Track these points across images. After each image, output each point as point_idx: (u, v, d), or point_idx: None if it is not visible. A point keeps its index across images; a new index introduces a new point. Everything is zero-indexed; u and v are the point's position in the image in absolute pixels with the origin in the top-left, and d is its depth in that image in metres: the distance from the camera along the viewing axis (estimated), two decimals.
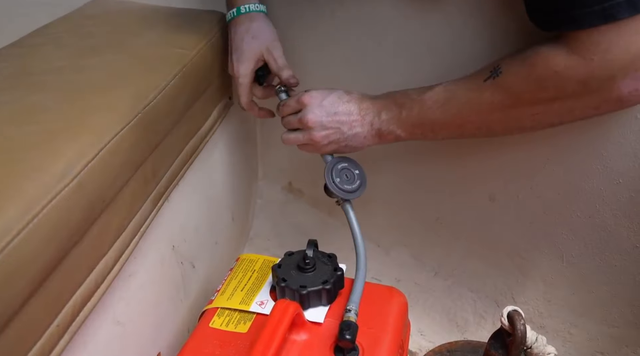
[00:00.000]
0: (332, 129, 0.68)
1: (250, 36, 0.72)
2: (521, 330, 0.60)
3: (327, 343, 0.58)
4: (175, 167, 0.69)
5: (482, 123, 0.61)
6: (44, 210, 0.43)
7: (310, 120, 0.67)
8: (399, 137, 0.67)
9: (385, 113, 0.66)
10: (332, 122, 0.67)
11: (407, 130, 0.66)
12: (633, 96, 0.51)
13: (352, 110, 0.67)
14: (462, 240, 0.88)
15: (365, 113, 0.67)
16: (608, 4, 0.47)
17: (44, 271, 0.44)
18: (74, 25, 0.80)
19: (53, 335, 0.46)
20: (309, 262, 0.63)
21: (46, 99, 0.57)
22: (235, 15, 0.73)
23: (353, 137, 0.68)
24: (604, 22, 0.48)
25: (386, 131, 0.67)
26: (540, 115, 0.58)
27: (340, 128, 0.67)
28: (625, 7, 0.47)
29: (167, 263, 0.72)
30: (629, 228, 0.69)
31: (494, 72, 0.58)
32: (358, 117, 0.67)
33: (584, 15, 0.49)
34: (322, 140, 0.68)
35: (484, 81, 0.59)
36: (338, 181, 0.69)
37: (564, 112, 0.56)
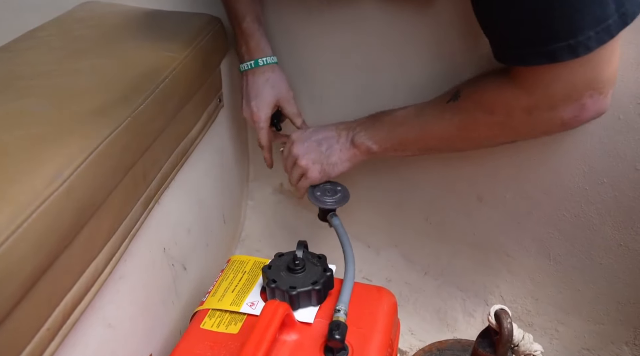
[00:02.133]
0: (312, 149, 0.75)
1: (270, 86, 0.79)
2: (508, 328, 0.61)
3: (317, 343, 0.59)
4: (165, 170, 0.69)
5: (444, 139, 0.67)
6: (33, 215, 0.43)
7: (295, 148, 0.75)
8: (371, 149, 0.72)
9: (360, 128, 0.73)
10: (311, 143, 0.75)
11: (377, 143, 0.71)
12: (576, 121, 0.57)
13: (329, 130, 0.75)
14: (452, 240, 0.88)
15: (342, 130, 0.74)
16: (551, 47, 0.51)
17: (34, 275, 0.44)
18: (63, 28, 0.80)
19: (43, 339, 0.46)
20: (299, 262, 0.63)
21: (35, 103, 0.57)
22: (253, 66, 0.80)
23: (331, 152, 0.74)
24: (546, 62, 0.52)
25: (358, 142, 0.72)
26: (494, 137, 0.64)
27: (318, 147, 0.74)
28: (567, 50, 0.51)
29: (158, 265, 0.72)
30: (614, 227, 0.70)
31: (454, 96, 0.64)
32: (334, 133, 0.74)
33: (528, 55, 0.53)
34: (308, 163, 0.74)
35: (447, 103, 0.65)
36: (319, 194, 0.77)
37: (515, 134, 0.62)
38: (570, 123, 0.57)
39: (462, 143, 0.67)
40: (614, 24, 0.50)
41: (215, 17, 0.84)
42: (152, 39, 0.76)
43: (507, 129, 0.61)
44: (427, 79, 0.76)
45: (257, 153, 1.06)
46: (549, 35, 0.51)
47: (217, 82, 0.85)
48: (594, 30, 0.50)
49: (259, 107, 0.79)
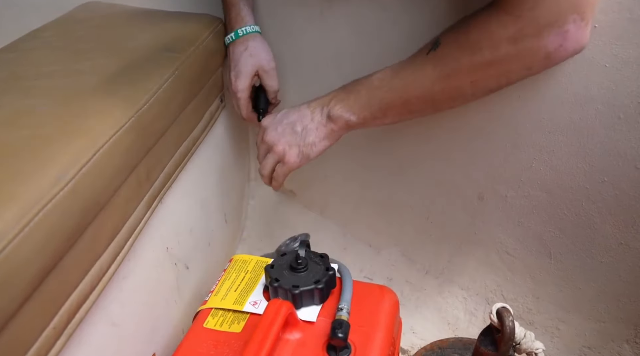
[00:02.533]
0: (286, 132, 0.71)
1: (248, 54, 0.78)
2: (510, 326, 0.61)
3: (320, 341, 0.59)
4: (168, 169, 0.70)
5: (426, 96, 0.63)
6: (39, 215, 0.44)
7: (268, 135, 0.72)
8: (349, 121, 0.68)
9: (335, 100, 0.69)
10: (285, 125, 0.71)
11: (355, 113, 0.68)
12: (559, 52, 0.55)
13: (301, 109, 0.71)
14: (452, 239, 0.89)
15: (314, 107, 0.70)
16: None
17: (40, 274, 0.44)
18: (65, 29, 0.80)
19: (49, 338, 0.47)
20: (301, 262, 0.64)
21: (39, 104, 0.58)
22: (233, 38, 0.79)
23: (306, 132, 0.70)
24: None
25: (335, 116, 0.68)
26: (478, 81, 0.60)
27: (292, 128, 0.70)
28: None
29: (161, 264, 0.72)
30: (614, 225, 0.71)
31: (434, 45, 0.61)
32: (308, 112, 0.70)
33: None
34: (284, 148, 0.71)
35: (427, 54, 0.62)
36: None
37: (500, 74, 0.59)
38: (554, 55, 0.56)
39: (443, 96, 0.63)
40: None
41: (216, 17, 0.84)
42: (154, 39, 0.76)
43: (491, 68, 0.59)
44: None
45: None
46: None
47: (219, 82, 0.85)
48: None
49: (237, 75, 0.78)
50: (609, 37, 0.60)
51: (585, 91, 0.65)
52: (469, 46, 0.59)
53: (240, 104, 0.79)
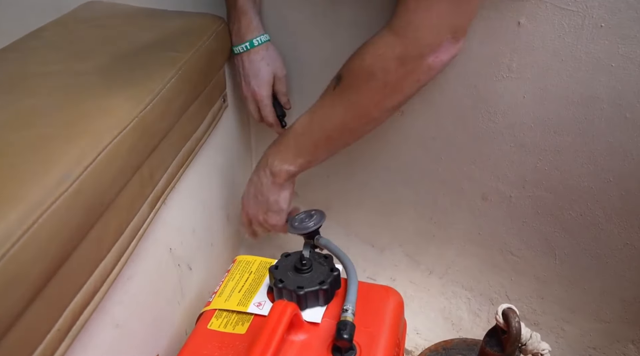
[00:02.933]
0: (254, 205, 0.78)
1: (266, 63, 0.81)
2: (516, 327, 0.61)
3: (325, 343, 0.59)
4: (171, 170, 0.69)
5: (342, 128, 0.68)
6: (44, 215, 0.43)
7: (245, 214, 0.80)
8: (290, 172, 0.73)
9: (272, 157, 0.74)
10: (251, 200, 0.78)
11: (292, 163, 0.73)
12: (436, 63, 0.61)
13: (254, 180, 0.77)
14: (456, 239, 0.89)
15: (259, 171, 0.76)
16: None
17: (45, 275, 0.44)
18: (68, 28, 0.79)
19: (54, 339, 0.46)
20: (306, 262, 0.63)
21: (43, 104, 0.57)
22: (248, 47, 0.80)
23: (265, 196, 0.76)
24: None
25: (277, 171, 0.74)
26: (380, 103, 0.65)
27: (255, 199, 0.77)
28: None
29: (164, 265, 0.72)
30: (620, 225, 0.71)
31: (337, 80, 0.66)
32: (256, 178, 0.77)
33: None
34: (261, 218, 0.78)
35: (333, 90, 0.67)
36: (297, 224, 0.75)
37: (395, 92, 0.64)
38: (433, 66, 0.61)
39: (356, 124, 0.68)
40: None
41: (219, 16, 0.84)
42: (157, 38, 0.76)
43: (387, 89, 0.64)
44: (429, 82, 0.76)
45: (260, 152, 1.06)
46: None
47: (222, 82, 0.85)
48: None
49: (260, 85, 0.81)
50: (615, 36, 0.60)
51: (591, 91, 0.64)
52: (364, 73, 0.64)
53: (267, 112, 0.84)
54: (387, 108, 0.67)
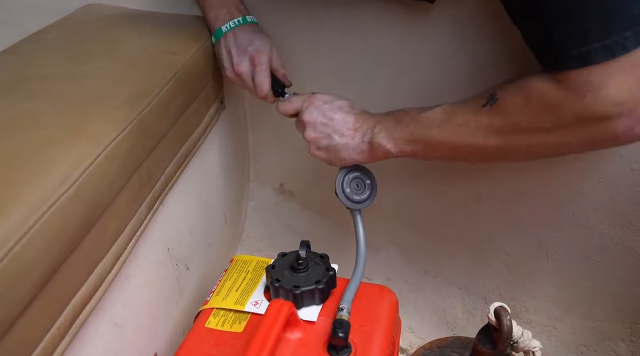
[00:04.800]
0: (323, 134, 0.68)
1: (259, 35, 0.75)
2: (507, 325, 0.61)
3: (321, 341, 0.59)
4: (169, 171, 0.70)
5: (476, 147, 0.60)
6: (44, 216, 0.44)
7: (306, 117, 0.69)
8: (388, 152, 0.66)
9: (380, 126, 0.66)
10: (325, 126, 0.68)
11: (398, 146, 0.65)
12: (628, 135, 0.51)
13: (347, 120, 0.68)
14: (451, 239, 0.89)
15: (360, 126, 0.67)
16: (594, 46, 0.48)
17: (45, 275, 0.45)
18: (67, 31, 0.80)
19: (54, 338, 0.47)
20: (302, 262, 0.64)
21: (42, 106, 0.58)
22: (241, 22, 0.75)
23: (343, 146, 0.68)
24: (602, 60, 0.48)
25: (376, 144, 0.66)
26: (535, 146, 0.57)
27: (331, 135, 0.68)
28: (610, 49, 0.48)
29: (162, 265, 0.73)
30: (610, 225, 0.71)
31: (490, 99, 0.58)
32: (352, 126, 0.68)
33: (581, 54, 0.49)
34: (312, 142, 0.69)
35: (482, 107, 0.58)
36: (348, 191, 0.71)
37: (560, 145, 0.56)
38: (622, 137, 0.51)
39: (495, 152, 0.60)
40: None
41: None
42: (155, 41, 0.77)
43: (551, 136, 0.55)
44: (426, 82, 0.77)
45: (257, 154, 1.07)
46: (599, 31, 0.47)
47: (219, 84, 0.86)
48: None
49: (258, 49, 0.74)
50: None
51: None
52: (530, 111, 0.55)
53: (263, 77, 0.74)
54: (539, 155, 0.59)
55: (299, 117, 0.71)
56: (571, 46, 0.49)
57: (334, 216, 1.02)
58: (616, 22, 0.47)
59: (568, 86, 0.51)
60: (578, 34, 0.49)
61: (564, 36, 0.50)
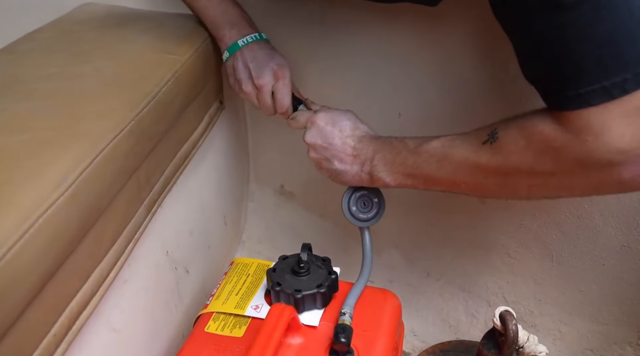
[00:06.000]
0: (323, 157, 0.68)
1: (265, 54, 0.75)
2: (513, 330, 0.61)
3: (323, 346, 0.59)
4: (168, 173, 0.69)
5: (476, 185, 0.59)
6: (40, 220, 0.43)
7: (307, 139, 0.69)
8: (387, 185, 0.66)
9: (379, 158, 0.65)
10: (324, 150, 0.68)
11: (397, 180, 0.65)
12: (636, 181, 0.48)
13: (346, 146, 0.67)
14: (453, 241, 0.89)
15: (358, 154, 0.67)
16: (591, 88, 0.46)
17: (41, 281, 0.44)
18: (64, 30, 0.79)
19: (50, 345, 0.46)
20: (304, 265, 0.63)
21: (38, 107, 0.57)
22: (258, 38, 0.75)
23: (342, 172, 0.68)
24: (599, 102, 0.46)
25: (376, 177, 0.66)
26: (536, 187, 0.55)
27: (330, 160, 0.68)
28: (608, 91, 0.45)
29: (161, 268, 0.72)
30: (617, 227, 0.71)
31: (491, 137, 0.56)
32: (350, 153, 0.67)
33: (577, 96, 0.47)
34: (315, 162, 0.70)
35: (482, 144, 0.57)
36: (354, 210, 0.71)
37: (561, 188, 0.54)
38: (629, 185, 0.49)
39: (495, 190, 0.59)
40: None
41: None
42: (154, 41, 0.76)
43: (553, 179, 0.53)
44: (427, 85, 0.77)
45: (257, 155, 1.06)
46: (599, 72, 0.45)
47: (219, 85, 0.85)
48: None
49: (281, 64, 0.74)
50: None
51: None
52: (530, 153, 0.53)
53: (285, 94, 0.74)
54: (540, 196, 0.58)
55: (304, 135, 0.71)
56: (569, 86, 0.47)
57: (335, 217, 1.02)
58: (616, 64, 0.45)
59: (569, 129, 0.48)
60: (576, 75, 0.47)
61: (561, 75, 0.48)
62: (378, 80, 0.82)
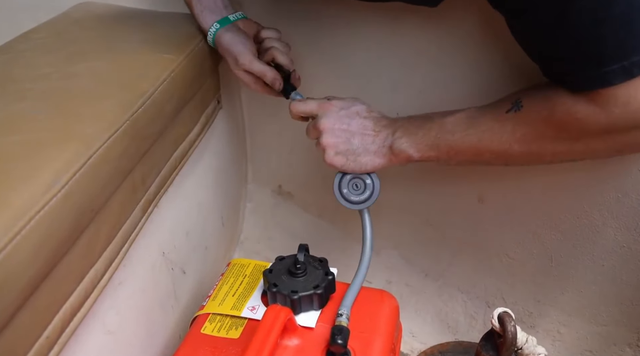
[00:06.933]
0: (342, 138, 0.66)
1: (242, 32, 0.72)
2: (512, 331, 0.60)
3: (319, 348, 0.58)
4: (164, 173, 0.69)
5: (500, 153, 0.60)
6: (31, 222, 0.43)
7: (322, 124, 0.67)
8: (411, 157, 0.65)
9: (401, 131, 0.65)
10: (343, 131, 0.66)
11: (420, 151, 0.64)
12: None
13: (367, 125, 0.66)
14: (452, 241, 0.88)
15: (380, 130, 0.66)
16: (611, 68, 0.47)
17: (33, 283, 0.43)
18: (59, 30, 0.79)
19: (43, 347, 0.45)
20: (300, 266, 0.63)
21: (32, 107, 0.56)
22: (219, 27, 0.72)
23: (362, 152, 0.66)
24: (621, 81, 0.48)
25: (398, 150, 0.65)
26: (561, 153, 0.57)
27: (350, 139, 0.66)
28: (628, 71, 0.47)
29: (157, 269, 0.71)
30: (616, 228, 0.70)
31: (515, 106, 0.57)
32: (372, 132, 0.66)
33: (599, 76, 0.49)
34: (330, 148, 0.67)
35: (506, 112, 0.58)
36: (345, 192, 0.69)
37: (586, 152, 0.56)
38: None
39: (520, 157, 0.60)
40: None
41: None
42: (150, 40, 0.75)
43: (578, 144, 0.55)
44: (426, 85, 0.76)
45: (255, 155, 1.06)
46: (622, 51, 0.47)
47: (216, 84, 0.84)
48: None
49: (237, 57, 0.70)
50: None
51: None
52: (555, 123, 0.55)
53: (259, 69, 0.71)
54: (564, 160, 0.60)
55: (313, 124, 0.68)
56: (589, 67, 0.49)
57: (333, 218, 1.01)
58: (634, 43, 0.47)
59: (594, 102, 0.50)
60: (595, 56, 0.48)
61: (580, 58, 0.49)
62: (376, 80, 0.81)
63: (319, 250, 0.68)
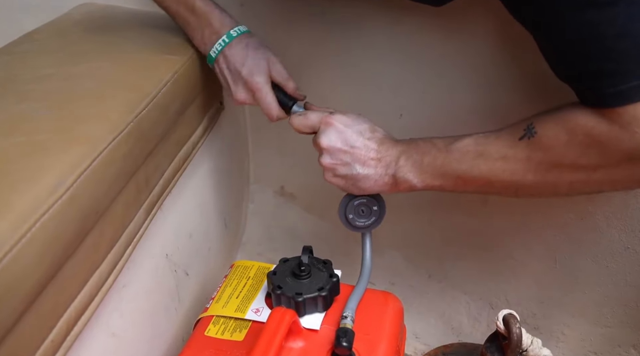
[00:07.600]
0: (342, 162, 0.63)
1: (253, 48, 0.68)
2: (517, 333, 0.60)
3: (324, 350, 0.58)
4: (167, 175, 0.68)
5: (512, 183, 0.57)
6: (36, 224, 0.42)
7: (322, 143, 0.63)
8: (414, 187, 0.62)
9: (405, 159, 0.61)
10: (344, 154, 0.62)
11: (425, 181, 0.61)
12: None
13: (369, 148, 0.62)
14: (455, 242, 0.88)
15: (383, 156, 0.62)
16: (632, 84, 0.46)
17: (38, 286, 0.43)
18: (61, 31, 0.78)
19: (47, 351, 0.45)
20: (305, 268, 0.63)
21: (35, 108, 0.56)
22: (227, 42, 0.68)
23: (363, 178, 0.63)
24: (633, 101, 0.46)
25: (401, 179, 0.61)
26: (578, 183, 0.54)
27: (351, 164, 0.62)
28: None
29: (160, 272, 0.71)
30: (621, 229, 0.70)
31: (528, 132, 0.54)
32: (374, 156, 0.62)
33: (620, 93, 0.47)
34: (329, 169, 0.64)
35: (519, 140, 0.54)
36: (351, 217, 0.68)
37: (605, 182, 0.53)
38: None
39: (534, 188, 0.56)
40: None
41: None
42: (152, 41, 0.75)
43: (597, 173, 0.52)
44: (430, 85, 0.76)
45: (257, 156, 1.06)
46: None
47: (218, 85, 0.84)
48: None
49: (252, 71, 0.67)
50: None
51: None
52: (574, 146, 0.51)
53: (268, 101, 0.68)
54: (581, 192, 0.56)
55: (314, 139, 0.65)
56: (611, 83, 0.47)
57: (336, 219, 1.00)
58: None
59: (616, 122, 0.48)
60: (617, 72, 0.46)
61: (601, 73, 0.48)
62: (379, 80, 0.81)
63: (322, 252, 0.68)
